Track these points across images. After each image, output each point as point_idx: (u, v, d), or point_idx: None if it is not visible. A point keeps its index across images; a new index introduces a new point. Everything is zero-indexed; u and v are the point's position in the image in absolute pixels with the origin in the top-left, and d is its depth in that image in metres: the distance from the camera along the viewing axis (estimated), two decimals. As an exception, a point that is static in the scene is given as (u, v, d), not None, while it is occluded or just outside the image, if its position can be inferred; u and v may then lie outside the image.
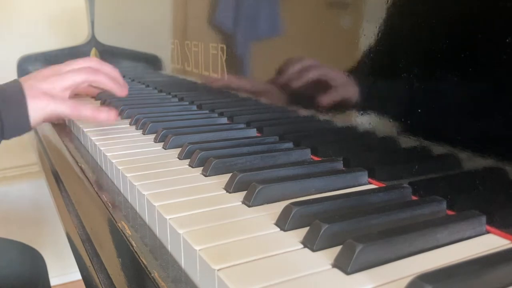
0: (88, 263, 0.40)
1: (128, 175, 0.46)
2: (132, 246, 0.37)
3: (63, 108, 0.59)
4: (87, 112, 0.61)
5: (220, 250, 0.31)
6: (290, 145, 0.54)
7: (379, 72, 0.42)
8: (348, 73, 0.46)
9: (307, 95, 0.52)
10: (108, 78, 0.66)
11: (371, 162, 0.44)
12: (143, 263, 0.35)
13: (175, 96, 0.88)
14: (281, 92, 0.57)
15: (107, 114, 0.62)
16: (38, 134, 0.87)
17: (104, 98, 0.86)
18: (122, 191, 0.49)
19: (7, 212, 1.54)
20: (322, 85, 0.50)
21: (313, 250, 0.31)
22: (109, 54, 1.36)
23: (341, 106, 0.47)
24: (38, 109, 0.58)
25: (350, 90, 0.46)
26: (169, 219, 0.36)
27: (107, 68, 0.68)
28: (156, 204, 0.39)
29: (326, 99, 0.49)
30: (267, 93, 0.59)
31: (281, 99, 0.57)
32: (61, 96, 0.61)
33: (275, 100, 0.58)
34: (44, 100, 0.59)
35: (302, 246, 0.31)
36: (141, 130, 0.65)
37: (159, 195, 0.40)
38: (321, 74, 0.50)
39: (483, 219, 0.33)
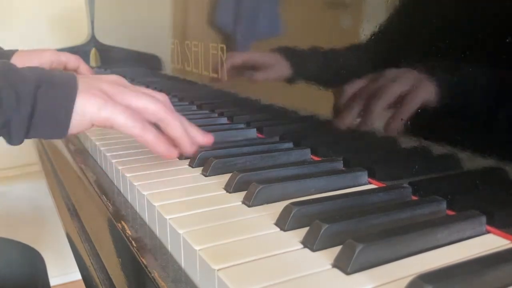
0: (88, 263, 0.40)
1: (128, 175, 0.46)
2: (132, 246, 0.37)
3: (123, 118, 0.44)
4: (150, 136, 0.45)
5: (220, 250, 0.31)
6: (290, 145, 0.54)
7: (379, 72, 0.42)
8: (348, 73, 0.45)
9: (307, 95, 0.52)
10: (183, 128, 0.48)
11: (371, 162, 0.44)
12: (143, 263, 0.35)
13: (175, 96, 0.88)
14: (280, 92, 0.57)
15: (167, 151, 0.47)
16: (38, 134, 0.87)
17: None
18: (122, 191, 0.49)
19: (7, 212, 1.54)
20: (322, 85, 0.50)
21: (313, 250, 0.31)
22: (109, 54, 1.36)
23: (341, 106, 0.47)
24: (89, 109, 0.43)
25: (350, 90, 0.46)
26: (169, 219, 0.36)
27: (175, 124, 0.48)
28: (156, 204, 0.39)
29: (327, 100, 0.49)
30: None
31: (281, 99, 0.57)
32: (124, 104, 0.46)
33: (275, 100, 0.58)
34: (100, 99, 0.44)
35: (302, 246, 0.31)
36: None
37: (159, 195, 0.40)
38: (320, 75, 0.50)
39: (483, 219, 0.33)
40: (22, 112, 0.41)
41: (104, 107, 0.44)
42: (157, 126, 0.48)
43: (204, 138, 0.51)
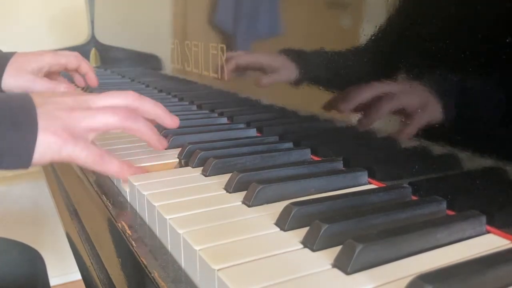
0: (88, 263, 0.40)
1: (128, 175, 0.46)
2: (132, 246, 0.37)
3: (84, 157, 0.44)
4: (113, 167, 0.46)
5: (220, 250, 0.31)
6: (290, 145, 0.54)
7: (379, 72, 0.42)
8: (348, 73, 0.45)
9: (307, 95, 0.52)
10: (147, 128, 0.49)
11: (371, 162, 0.44)
12: (143, 263, 0.35)
13: (175, 96, 0.88)
14: (280, 92, 0.57)
15: (133, 173, 0.47)
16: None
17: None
18: (122, 191, 0.49)
19: (7, 212, 1.54)
20: (322, 85, 0.50)
21: (313, 250, 0.31)
22: (109, 54, 1.36)
23: (341, 106, 0.47)
24: (49, 148, 0.43)
25: (350, 90, 0.46)
26: (169, 219, 0.36)
27: (147, 105, 0.51)
28: (156, 204, 0.39)
29: (327, 100, 0.49)
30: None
31: (281, 99, 0.57)
32: (84, 138, 0.45)
33: (275, 99, 0.58)
34: (62, 139, 0.43)
35: (302, 246, 0.31)
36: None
37: (159, 195, 0.40)
38: (320, 75, 0.50)
39: (483, 219, 0.33)
40: None
41: (65, 147, 0.43)
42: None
43: (171, 122, 0.53)
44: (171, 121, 0.52)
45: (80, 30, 1.51)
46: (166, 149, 0.56)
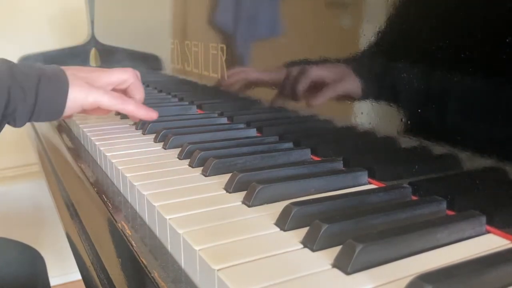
0: (88, 263, 0.40)
1: (128, 175, 0.46)
2: (132, 246, 0.37)
3: (106, 99, 0.58)
4: (130, 106, 0.60)
5: (220, 250, 0.31)
6: (290, 145, 0.54)
7: (379, 72, 0.42)
8: (348, 73, 0.45)
9: (307, 95, 0.52)
10: (143, 92, 0.66)
11: (371, 162, 0.44)
12: (143, 263, 0.35)
13: (175, 96, 0.88)
14: (280, 92, 0.57)
15: (147, 113, 0.62)
16: (38, 134, 0.87)
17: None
18: (122, 191, 0.49)
19: (7, 212, 1.54)
20: (321, 85, 0.50)
21: (313, 250, 0.31)
22: (109, 54, 1.36)
23: (341, 106, 0.47)
24: (78, 97, 0.56)
25: (350, 90, 0.46)
26: (169, 219, 0.36)
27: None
28: (156, 204, 0.39)
29: (326, 99, 0.49)
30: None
31: (281, 99, 0.57)
32: (104, 88, 0.60)
33: (275, 100, 0.58)
34: (86, 89, 0.56)
35: (302, 246, 0.31)
36: (141, 130, 0.65)
37: (159, 195, 0.40)
38: (320, 74, 0.50)
39: (483, 219, 0.33)
40: (27, 102, 0.53)
41: (90, 93, 0.57)
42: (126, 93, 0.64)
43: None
44: (154, 112, 0.63)
45: (80, 30, 1.51)
46: (165, 148, 0.56)
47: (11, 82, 0.52)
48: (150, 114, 0.62)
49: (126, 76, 0.63)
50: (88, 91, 0.57)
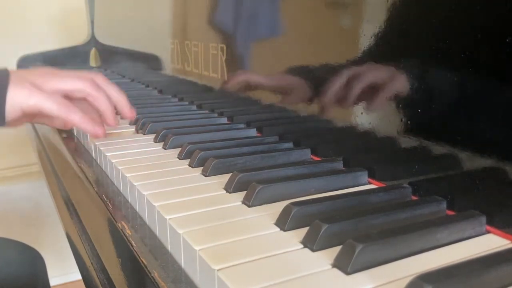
0: (88, 263, 0.40)
1: (128, 175, 0.46)
2: (132, 246, 0.37)
3: (49, 104, 0.51)
4: (74, 117, 0.52)
5: (220, 250, 0.31)
6: (290, 145, 0.54)
7: (379, 72, 0.42)
8: (348, 73, 0.45)
9: (307, 95, 0.52)
10: (108, 102, 0.57)
11: (371, 162, 0.44)
12: (143, 263, 0.35)
13: (175, 96, 0.88)
14: (280, 92, 0.57)
15: (93, 129, 0.54)
16: (38, 134, 0.87)
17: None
18: (122, 191, 0.49)
19: (7, 212, 1.54)
20: (322, 86, 0.50)
21: (313, 250, 0.31)
22: (109, 54, 1.36)
23: (341, 106, 0.47)
24: (18, 99, 0.50)
25: (350, 90, 0.46)
26: (169, 219, 0.36)
27: (113, 89, 0.58)
28: (156, 204, 0.39)
29: (326, 99, 0.49)
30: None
31: (281, 99, 0.57)
32: (50, 91, 0.53)
33: (275, 100, 0.58)
34: (28, 90, 0.51)
35: (302, 246, 0.31)
36: (141, 130, 0.65)
37: (159, 195, 0.40)
38: (320, 75, 0.50)
39: (483, 219, 0.33)
40: None
41: (31, 96, 0.51)
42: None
43: (129, 112, 0.60)
44: (129, 112, 0.59)
45: (80, 30, 1.51)
46: (165, 148, 0.56)
47: None
48: (95, 130, 0.54)
49: (80, 85, 0.55)
50: (30, 93, 0.51)
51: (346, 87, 0.46)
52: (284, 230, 0.34)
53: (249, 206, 0.38)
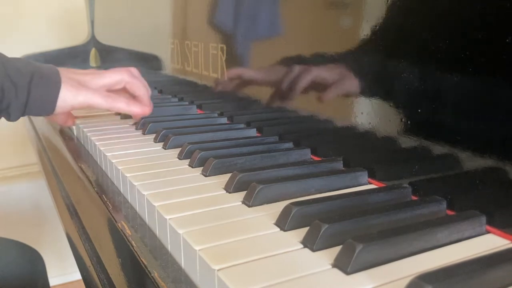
0: (88, 263, 0.40)
1: (128, 175, 0.46)
2: (132, 246, 0.37)
3: (96, 99, 0.60)
4: (121, 104, 0.62)
5: (220, 250, 0.31)
6: (290, 145, 0.54)
7: (379, 72, 0.42)
8: (348, 73, 0.45)
9: (307, 95, 0.52)
10: (145, 88, 0.66)
11: (371, 162, 0.44)
12: (143, 263, 0.35)
13: (175, 96, 0.88)
14: (280, 92, 0.57)
15: (140, 109, 0.64)
16: (38, 134, 0.87)
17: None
18: (122, 191, 0.49)
19: (7, 212, 1.54)
20: (322, 86, 0.50)
21: (313, 250, 0.31)
22: (109, 54, 1.36)
23: (341, 106, 0.47)
24: (69, 96, 0.58)
25: (349, 90, 0.46)
26: (169, 219, 0.36)
27: (143, 81, 0.67)
28: (156, 204, 0.39)
29: (326, 100, 0.49)
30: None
31: (281, 99, 0.57)
32: (95, 88, 0.61)
33: (275, 100, 0.58)
34: (77, 88, 0.59)
35: (302, 246, 0.31)
36: (141, 130, 0.65)
37: (159, 195, 0.40)
38: (320, 75, 0.50)
39: (483, 219, 0.33)
40: (19, 99, 0.55)
41: (79, 94, 0.59)
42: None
43: (148, 108, 0.66)
44: (148, 107, 0.65)
45: (80, 30, 1.51)
46: (165, 148, 0.56)
47: (3, 78, 0.54)
48: (143, 109, 0.64)
49: (119, 76, 0.64)
50: (78, 91, 0.59)
51: (346, 87, 0.46)
52: (284, 230, 0.34)
53: (249, 206, 0.38)
